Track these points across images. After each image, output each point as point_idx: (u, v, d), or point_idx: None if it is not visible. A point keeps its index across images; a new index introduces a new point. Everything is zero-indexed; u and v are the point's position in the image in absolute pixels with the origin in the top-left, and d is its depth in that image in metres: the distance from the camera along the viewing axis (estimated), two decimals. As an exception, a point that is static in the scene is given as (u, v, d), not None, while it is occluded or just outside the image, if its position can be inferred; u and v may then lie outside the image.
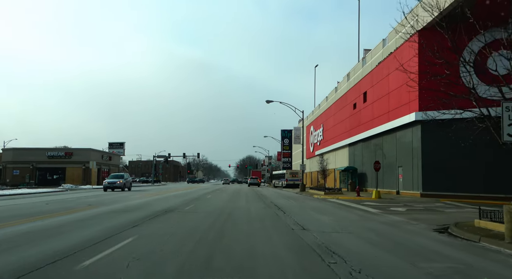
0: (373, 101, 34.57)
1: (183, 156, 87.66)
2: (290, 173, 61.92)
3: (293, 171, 63.60)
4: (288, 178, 60.56)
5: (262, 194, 32.41)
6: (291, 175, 61.54)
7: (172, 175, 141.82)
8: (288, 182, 60.39)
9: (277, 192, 39.32)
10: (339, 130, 46.96)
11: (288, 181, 59.71)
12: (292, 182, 60.14)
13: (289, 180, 59.15)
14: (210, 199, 24.48)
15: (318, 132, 59.76)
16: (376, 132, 33.45)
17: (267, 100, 41.20)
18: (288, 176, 61.34)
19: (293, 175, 61.48)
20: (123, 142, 77.28)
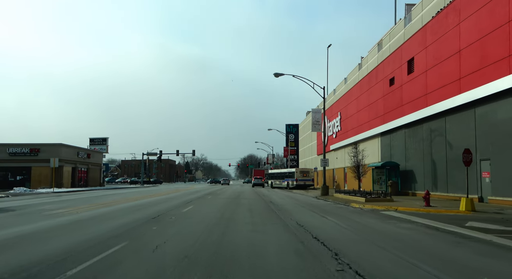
0: (425, 69, 24.60)
1: (176, 153, 77.77)
2: (301, 172, 51.78)
3: (304, 170, 53.61)
4: (299, 178, 50.68)
5: (274, 203, 22.40)
6: (301, 174, 51.54)
7: (168, 175, 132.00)
8: (299, 182, 50.49)
9: (291, 197, 29.45)
10: (365, 116, 36.98)
11: (298, 181, 50.21)
12: (303, 182, 50.61)
13: (299, 180, 50.03)
14: (186, 217, 14.53)
15: (334, 123, 49.81)
16: (433, 112, 23.49)
17: (276, 73, 31.24)
18: (298, 175, 51.21)
19: (304, 174, 51.59)
20: (105, 138, 67.40)
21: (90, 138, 67.64)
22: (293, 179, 51.67)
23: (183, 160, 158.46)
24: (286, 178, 54.35)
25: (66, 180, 51.72)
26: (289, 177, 53.29)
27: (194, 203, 21.06)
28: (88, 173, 59.55)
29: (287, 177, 53.96)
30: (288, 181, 53.07)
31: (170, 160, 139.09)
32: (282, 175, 56.99)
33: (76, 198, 26.63)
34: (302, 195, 32.80)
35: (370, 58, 36.81)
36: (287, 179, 53.65)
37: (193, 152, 78.10)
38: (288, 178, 53.59)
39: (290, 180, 52.33)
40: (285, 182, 54.39)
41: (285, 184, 54.18)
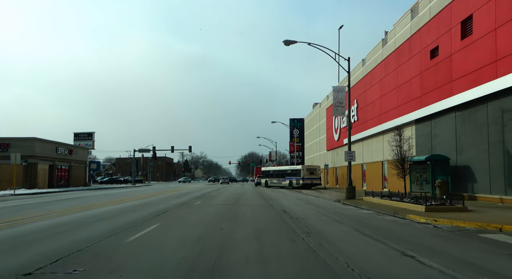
0: (494, 27, 17.98)
1: (171, 149, 71.24)
2: (307, 169, 45.78)
3: (311, 167, 47.19)
4: (305, 176, 44.78)
5: (291, 213, 15.87)
6: (308, 172, 45.50)
7: (165, 174, 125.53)
8: (305, 181, 44.62)
9: (306, 201, 23.04)
10: (392, 101, 30.42)
11: (305, 180, 44.43)
12: (310, 181, 44.98)
13: (306, 179, 44.38)
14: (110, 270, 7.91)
15: (349, 112, 43.17)
16: (508, 85, 16.87)
17: (286, 40, 24.60)
18: (305, 173, 45.14)
19: (310, 172, 45.62)
20: (91, 132, 60.82)
21: (75, 133, 61.09)
22: (298, 177, 45.56)
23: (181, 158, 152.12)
24: (289, 176, 48.23)
25: (41, 180, 45.20)
26: (293, 175, 47.19)
27: (166, 215, 14.43)
28: (70, 171, 53.01)
29: (291, 175, 47.84)
30: (291, 179, 47.09)
31: (167, 158, 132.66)
32: (282, 173, 50.57)
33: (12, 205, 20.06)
34: (317, 198, 26.25)
35: (399, 29, 30.12)
36: (290, 177, 47.58)
37: (189, 148, 71.47)
38: (291, 177, 47.50)
39: (295, 179, 46.20)
40: (286, 180, 48.33)
41: (286, 183, 48.07)
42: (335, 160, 51.19)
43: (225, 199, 24.13)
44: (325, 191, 38.54)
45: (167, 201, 22.41)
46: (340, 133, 47.29)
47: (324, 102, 58.51)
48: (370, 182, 36.04)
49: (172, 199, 23.57)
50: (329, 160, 54.23)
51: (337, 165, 50.05)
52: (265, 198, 25.46)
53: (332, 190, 39.09)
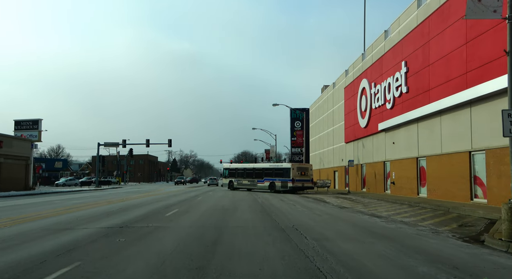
0: None
1: (146, 144, 57.47)
2: (298, 169, 35.73)
3: (302, 166, 37.11)
4: (296, 177, 34.85)
5: None
6: (299, 171, 35.48)
7: (148, 174, 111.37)
8: (296, 184, 34.87)
9: (376, 235, 9.34)
10: (482, 55, 16.97)
11: (295, 182, 34.81)
12: (301, 183, 35.42)
13: (296, 181, 34.85)
14: None
15: (386, 85, 29.79)
16: None
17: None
18: (295, 174, 35.04)
19: (302, 172, 35.72)
20: (37, 120, 46.75)
21: (16, 120, 47.05)
22: (285, 178, 35.37)
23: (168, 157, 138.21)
24: (269, 176, 37.45)
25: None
26: (276, 175, 36.69)
27: None
28: (1, 170, 39.04)
29: (272, 175, 37.18)
30: (273, 181, 36.70)
31: (151, 156, 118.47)
32: (259, 172, 39.16)
33: None
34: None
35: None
36: (272, 178, 36.96)
37: (169, 142, 57.70)
38: (273, 177, 36.89)
39: (280, 180, 35.94)
40: (265, 182, 37.67)
41: (265, 186, 37.60)
42: (359, 155, 37.75)
43: (199, 224, 10.73)
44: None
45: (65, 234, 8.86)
46: (371, 116, 33.86)
47: (341, 79, 45.08)
48: (438, 186, 22.60)
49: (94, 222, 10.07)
50: (348, 155, 40.82)
51: (364, 162, 36.57)
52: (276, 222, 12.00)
53: (370, 199, 25.66)
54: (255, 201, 21.80)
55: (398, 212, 15.83)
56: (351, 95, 39.84)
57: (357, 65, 39.37)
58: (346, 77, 42.96)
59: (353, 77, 40.00)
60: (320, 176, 54.37)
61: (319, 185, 40.79)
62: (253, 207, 17.20)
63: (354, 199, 25.69)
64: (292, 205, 19.56)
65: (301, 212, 15.24)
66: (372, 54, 34.71)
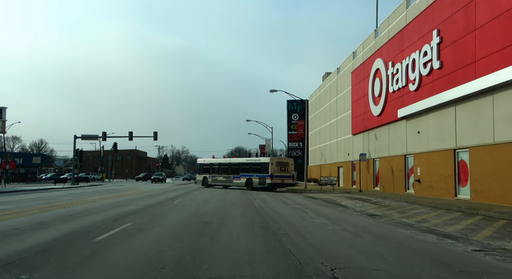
0: None
1: (129, 137, 51.74)
2: (278, 164, 32.28)
3: (283, 161, 33.71)
4: (275, 174, 31.39)
5: None
6: (278, 166, 32.01)
7: (136, 170, 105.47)
8: (275, 180, 31.35)
9: None
10: None
11: (274, 178, 31.29)
12: (281, 180, 31.84)
13: (275, 177, 31.31)
14: None
15: (410, 62, 24.53)
16: None
17: None
18: (274, 169, 31.58)
19: (282, 168, 32.18)
20: (0, 108, 41.03)
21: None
22: (263, 174, 31.86)
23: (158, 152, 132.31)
24: (246, 172, 33.93)
25: None
26: (254, 171, 33.14)
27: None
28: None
29: (249, 170, 33.60)
30: (250, 177, 33.17)
31: (139, 152, 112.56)
32: (235, 168, 35.50)
33: None
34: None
35: None
36: (249, 174, 33.42)
37: (155, 135, 52.03)
38: (250, 173, 33.32)
39: (257, 176, 32.42)
40: (242, 178, 34.17)
41: (242, 182, 34.05)
42: (370, 148, 32.58)
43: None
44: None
45: None
46: (387, 102, 28.66)
47: (347, 63, 39.82)
48: (487, 185, 17.41)
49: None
50: (356, 149, 35.64)
51: (376, 156, 31.39)
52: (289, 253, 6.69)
53: (395, 202, 20.56)
54: (250, 206, 16.49)
55: (465, 225, 10.62)
56: (360, 79, 34.61)
57: (368, 44, 34.08)
58: (354, 60, 37.69)
59: (362, 59, 34.74)
60: (322, 173, 49.20)
61: (323, 182, 35.60)
62: (248, 218, 11.87)
63: (375, 201, 20.47)
64: (301, 211, 14.28)
65: (323, 227, 9.97)
66: (388, 29, 29.44)
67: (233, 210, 14.36)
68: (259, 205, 17.08)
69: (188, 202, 18.38)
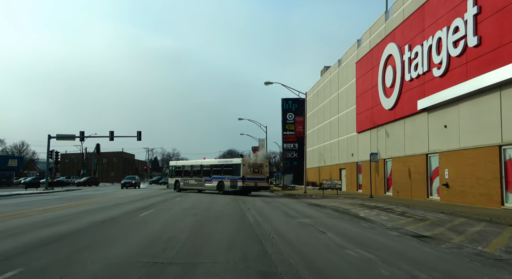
0: None
1: (110, 137, 47.19)
2: (250, 165, 29.61)
3: (256, 162, 30.55)
4: (247, 176, 28.90)
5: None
6: (251, 169, 29.42)
7: (122, 173, 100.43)
8: (247, 183, 28.86)
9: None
10: None
11: (246, 181, 28.75)
12: (253, 183, 29.30)
13: (247, 180, 28.83)
14: None
15: (435, 42, 20.43)
16: None
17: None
18: (246, 171, 29.07)
19: (255, 170, 29.58)
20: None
21: None
22: (236, 177, 29.31)
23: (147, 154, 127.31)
24: (218, 175, 31.49)
25: None
26: (225, 173, 30.78)
27: None
28: None
29: (221, 173, 31.20)
30: (222, 180, 30.75)
31: (126, 154, 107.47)
32: (207, 170, 33.02)
33: None
34: None
35: None
36: (221, 176, 31.00)
37: (138, 135, 47.47)
38: (222, 176, 30.90)
39: (229, 179, 29.98)
40: (213, 182, 31.63)
41: (213, 186, 31.56)
42: (380, 147, 28.47)
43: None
44: (402, 210, 15.61)
45: None
46: (402, 92, 24.57)
47: (351, 53, 35.73)
48: None
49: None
50: (362, 149, 31.52)
51: (388, 156, 27.25)
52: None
53: (428, 213, 16.39)
54: (242, 222, 12.21)
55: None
56: (367, 69, 30.54)
57: (376, 29, 30.02)
58: (359, 48, 33.61)
59: (370, 46, 30.68)
60: (321, 176, 45.03)
61: (326, 186, 31.40)
62: (239, 251, 7.48)
63: (399, 210, 16.28)
64: (317, 232, 10.03)
65: (373, 273, 5.63)
66: (403, 8, 25.38)
67: (216, 230, 10.05)
68: (254, 219, 12.79)
69: (159, 215, 13.97)
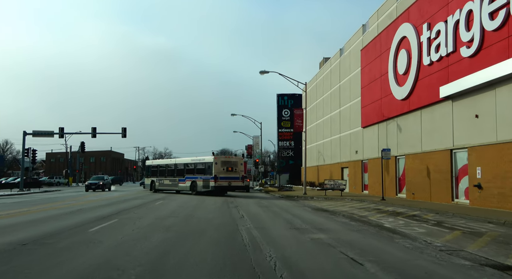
0: None
1: (92, 133, 43.53)
2: (223, 163, 27.62)
3: (230, 160, 29.01)
4: (220, 175, 26.91)
5: None
6: (224, 167, 27.45)
7: (110, 173, 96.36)
8: (220, 183, 26.84)
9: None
10: None
11: (218, 180, 26.74)
12: (227, 182, 27.30)
13: (220, 179, 26.79)
14: None
15: (464, 16, 17.18)
16: None
17: None
18: (219, 169, 27.07)
19: (228, 168, 27.64)
20: None
21: None
22: (208, 176, 27.37)
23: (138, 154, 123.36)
24: (191, 174, 29.51)
25: None
26: (199, 172, 28.85)
27: None
28: None
29: (194, 172, 29.31)
30: (195, 179, 28.72)
31: (115, 153, 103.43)
32: (180, 170, 31.02)
33: None
34: None
35: None
36: (194, 176, 29.02)
37: (123, 131, 43.82)
38: (195, 175, 28.96)
39: (202, 178, 27.93)
40: (187, 182, 29.60)
41: (187, 186, 29.51)
42: (390, 142, 25.20)
43: None
44: (437, 219, 12.39)
45: None
46: (419, 79, 21.33)
47: (355, 40, 32.47)
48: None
49: None
50: (367, 145, 28.34)
51: (401, 152, 23.96)
52: None
53: (461, 220, 13.01)
54: (232, 242, 8.90)
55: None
56: (374, 56, 27.32)
57: (386, 10, 26.77)
58: (365, 34, 30.38)
59: (378, 30, 27.46)
60: (319, 176, 41.78)
61: (328, 187, 28.15)
62: None
63: (430, 218, 13.04)
64: (348, 260, 6.71)
65: None
66: (419, -18, 22.11)
67: (189, 261, 6.50)
68: (250, 235, 9.40)
69: (118, 229, 10.46)
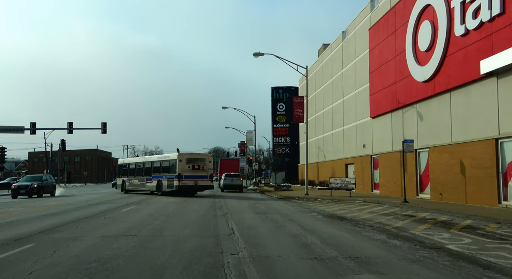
0: None
1: (68, 129, 39.27)
2: (188, 161, 24.70)
3: (196, 157, 25.75)
4: (184, 174, 24.22)
5: None
6: (189, 165, 24.59)
7: (96, 172, 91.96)
8: (184, 182, 24.13)
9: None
10: None
11: (183, 180, 24.06)
12: (193, 181, 24.49)
13: (185, 178, 24.15)
14: None
15: None
16: None
17: None
18: (184, 168, 24.28)
19: (194, 166, 24.83)
20: None
21: None
22: (173, 175, 24.71)
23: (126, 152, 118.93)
24: (159, 173, 26.69)
25: None
26: (164, 171, 26.19)
27: None
28: None
29: (160, 171, 26.62)
30: (161, 178, 26.21)
31: (101, 152, 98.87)
32: (148, 169, 28.55)
33: None
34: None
35: None
36: (162, 175, 26.31)
37: (103, 127, 39.78)
38: (161, 174, 26.33)
39: (167, 178, 25.37)
40: (153, 181, 27.04)
41: (153, 186, 27.00)
42: (409, 133, 21.31)
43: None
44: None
45: None
46: (447, 56, 17.53)
47: (362, 18, 28.64)
48: None
49: None
50: (377, 138, 24.58)
51: (424, 144, 20.09)
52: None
53: None
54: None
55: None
56: (387, 34, 23.51)
57: None
58: (373, 10, 26.55)
59: (390, 3, 23.62)
60: (319, 173, 37.95)
61: (335, 186, 24.30)
62: None
63: (498, 231, 9.18)
64: None
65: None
66: None
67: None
68: (244, 266, 5.45)
69: (26, 262, 6.52)
